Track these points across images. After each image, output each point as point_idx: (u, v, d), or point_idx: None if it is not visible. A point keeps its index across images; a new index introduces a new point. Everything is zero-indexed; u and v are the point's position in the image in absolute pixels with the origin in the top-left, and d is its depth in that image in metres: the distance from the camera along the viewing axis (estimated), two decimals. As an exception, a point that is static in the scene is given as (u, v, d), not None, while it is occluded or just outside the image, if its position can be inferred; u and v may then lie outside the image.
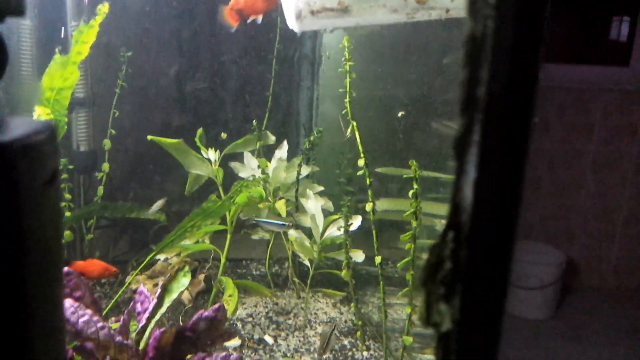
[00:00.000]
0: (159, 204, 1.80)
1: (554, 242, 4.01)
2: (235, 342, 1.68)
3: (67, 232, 1.77)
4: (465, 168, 0.39)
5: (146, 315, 1.20)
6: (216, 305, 1.21)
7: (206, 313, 1.20)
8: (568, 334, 3.59)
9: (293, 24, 1.20)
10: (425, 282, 0.40)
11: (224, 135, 2.00)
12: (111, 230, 2.12)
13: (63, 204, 1.82)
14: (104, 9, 1.35)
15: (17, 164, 0.41)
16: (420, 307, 0.40)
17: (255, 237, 1.88)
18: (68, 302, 1.10)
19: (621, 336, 3.58)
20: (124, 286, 1.66)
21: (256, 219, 1.74)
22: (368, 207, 1.41)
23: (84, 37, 1.27)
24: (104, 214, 1.86)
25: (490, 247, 0.39)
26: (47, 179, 0.48)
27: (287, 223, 1.68)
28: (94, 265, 1.56)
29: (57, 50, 1.31)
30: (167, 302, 1.24)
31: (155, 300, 1.22)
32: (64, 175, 1.81)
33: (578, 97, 3.86)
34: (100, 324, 1.09)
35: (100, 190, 1.94)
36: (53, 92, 1.29)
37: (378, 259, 1.41)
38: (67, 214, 1.82)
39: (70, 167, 1.87)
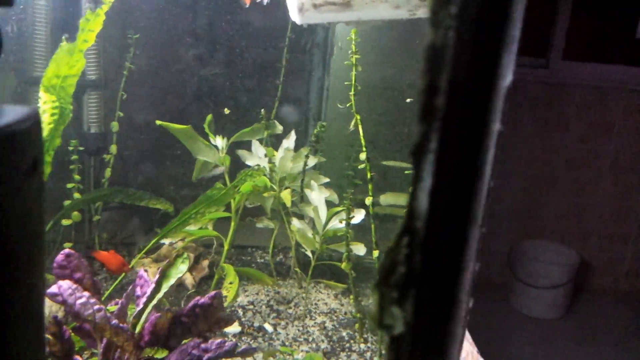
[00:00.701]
0: None
1: (568, 241, 3.97)
2: (234, 328, 1.70)
3: (75, 214, 1.79)
4: (421, 175, 0.39)
5: (144, 299, 1.23)
6: (212, 293, 1.23)
7: (202, 300, 1.22)
8: (577, 335, 3.57)
9: (295, 17, 1.20)
10: (379, 285, 0.41)
11: (226, 110, 2.01)
12: (119, 212, 2.15)
13: (73, 185, 1.85)
14: None
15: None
16: (372, 310, 0.41)
17: (259, 225, 1.90)
18: (67, 284, 1.12)
19: (631, 339, 3.55)
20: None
21: None
22: (368, 201, 1.41)
23: (90, 25, 1.29)
24: (115, 199, 1.88)
25: (444, 254, 0.40)
26: (28, 168, 0.49)
27: None
28: (114, 258, 1.60)
29: (64, 37, 1.32)
30: (165, 288, 1.26)
31: (153, 285, 1.25)
32: (74, 157, 1.84)
33: (599, 96, 3.81)
34: (97, 307, 1.12)
35: (108, 172, 1.97)
36: (59, 79, 1.31)
37: (375, 253, 1.42)
38: (77, 195, 1.85)
39: (81, 148, 1.89)
